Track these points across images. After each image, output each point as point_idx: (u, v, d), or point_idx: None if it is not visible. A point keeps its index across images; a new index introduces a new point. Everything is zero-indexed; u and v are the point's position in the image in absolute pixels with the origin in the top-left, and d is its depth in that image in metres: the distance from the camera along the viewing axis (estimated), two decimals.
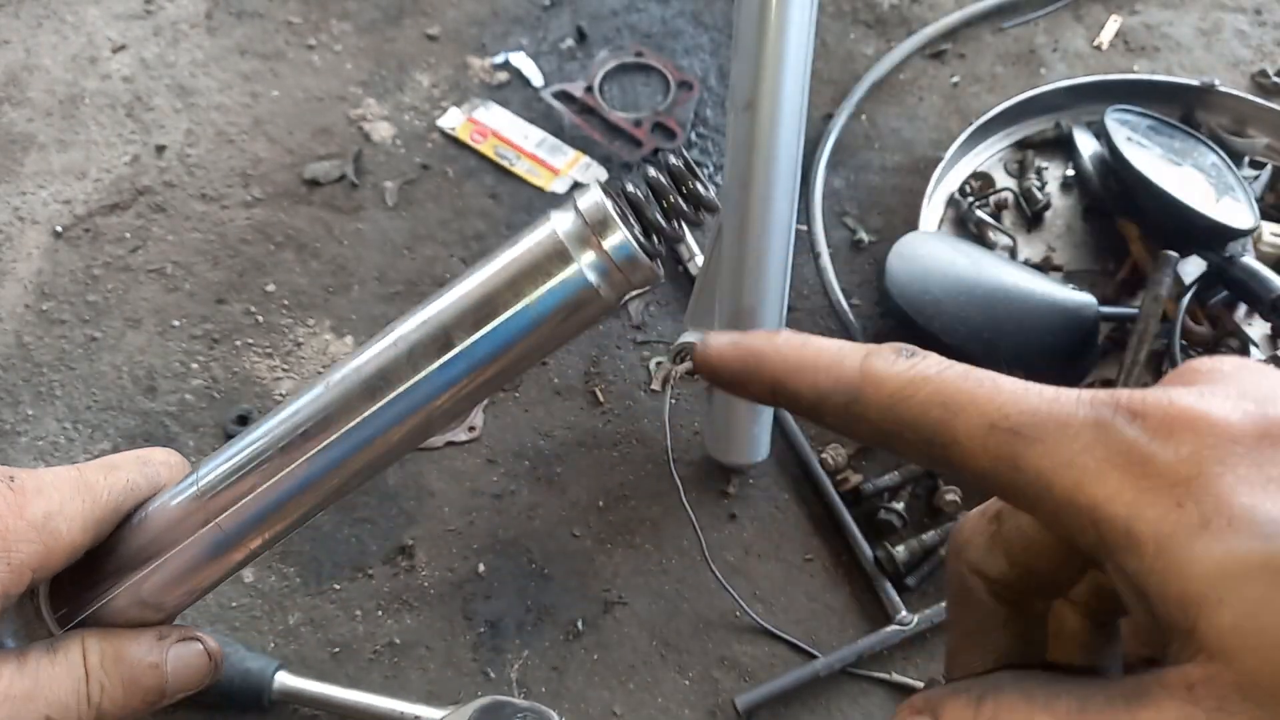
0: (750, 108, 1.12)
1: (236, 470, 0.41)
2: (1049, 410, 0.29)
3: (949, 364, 0.32)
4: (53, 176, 1.69)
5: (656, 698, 1.23)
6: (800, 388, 0.34)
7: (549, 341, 0.39)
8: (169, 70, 1.83)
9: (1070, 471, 0.27)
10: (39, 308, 1.54)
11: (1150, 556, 0.26)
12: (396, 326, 0.40)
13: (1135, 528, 0.26)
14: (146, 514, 0.44)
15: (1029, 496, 0.29)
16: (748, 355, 0.35)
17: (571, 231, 0.38)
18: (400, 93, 1.80)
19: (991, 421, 0.29)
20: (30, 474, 0.42)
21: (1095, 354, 1.43)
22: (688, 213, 0.39)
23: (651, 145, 1.71)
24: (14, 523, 0.39)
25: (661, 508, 1.35)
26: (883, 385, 0.32)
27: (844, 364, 0.33)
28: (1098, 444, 0.27)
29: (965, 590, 0.34)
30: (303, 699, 1.19)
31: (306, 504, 0.42)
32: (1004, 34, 1.90)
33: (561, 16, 1.92)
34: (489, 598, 1.29)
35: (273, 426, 0.41)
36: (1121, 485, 0.27)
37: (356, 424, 0.40)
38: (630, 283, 0.39)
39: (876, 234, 1.63)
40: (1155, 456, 0.26)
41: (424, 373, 0.39)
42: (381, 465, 0.42)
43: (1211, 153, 1.53)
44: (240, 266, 1.58)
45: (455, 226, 1.63)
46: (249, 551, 0.43)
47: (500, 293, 0.38)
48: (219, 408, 1.44)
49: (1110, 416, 0.28)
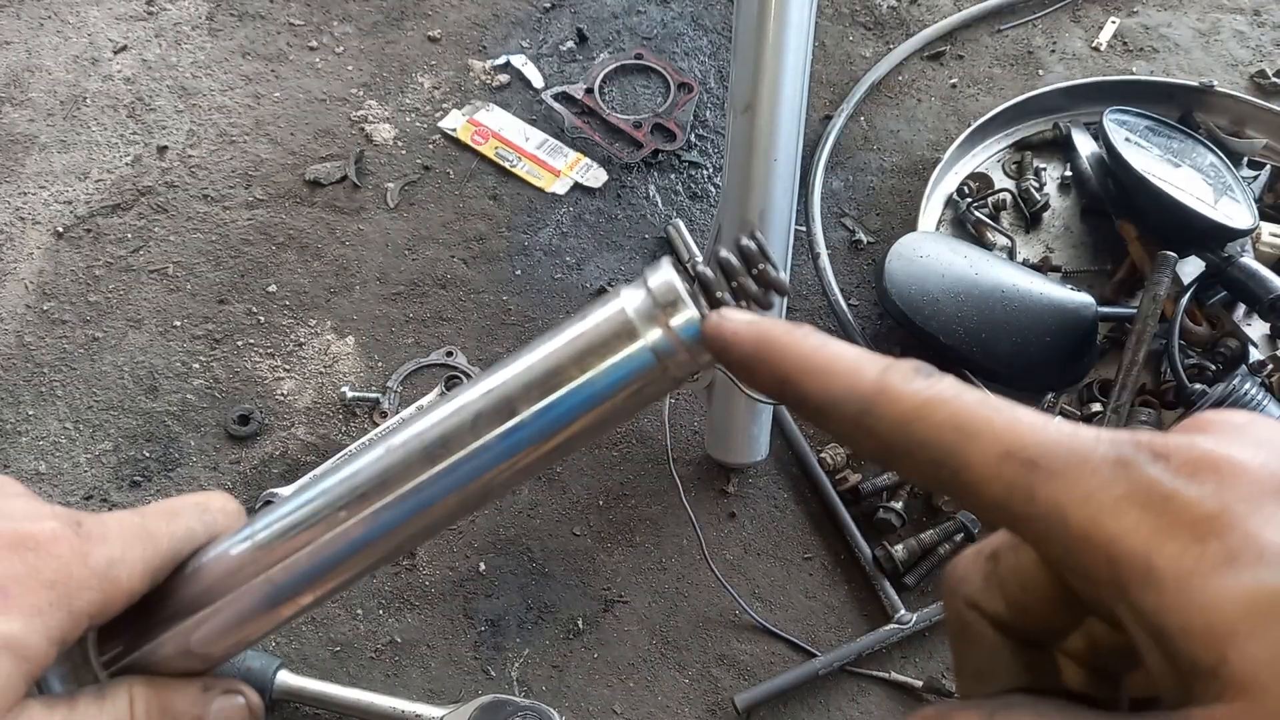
0: (749, 110, 1.12)
1: (293, 526, 0.42)
2: (1068, 444, 0.28)
3: (966, 388, 0.31)
4: (54, 177, 1.70)
5: (656, 695, 1.23)
6: (811, 388, 0.33)
7: (612, 416, 0.39)
8: (171, 71, 1.83)
9: (1087, 506, 0.27)
10: (40, 308, 1.54)
11: (1171, 592, 0.25)
12: (460, 394, 0.40)
13: (1155, 563, 0.25)
14: (200, 563, 0.44)
15: (1041, 529, 0.28)
16: (763, 341, 0.35)
17: (640, 309, 0.38)
18: (402, 94, 1.80)
19: (1008, 449, 0.29)
20: (96, 520, 0.41)
21: (1094, 354, 1.44)
22: (757, 294, 0.38)
23: (651, 147, 1.72)
24: (78, 570, 0.39)
25: (661, 506, 1.36)
26: (898, 400, 0.31)
27: (860, 373, 0.32)
28: (1118, 480, 0.27)
29: (966, 626, 0.33)
30: (304, 697, 1.19)
31: (360, 564, 0.42)
32: (1002, 35, 1.90)
33: (562, 19, 1.92)
34: (490, 596, 1.29)
35: (331, 485, 0.41)
36: (1141, 521, 0.26)
37: (413, 487, 0.40)
38: (696, 363, 0.38)
39: (875, 235, 1.63)
40: (1178, 494, 0.26)
41: (484, 440, 0.39)
42: (435, 530, 0.43)
43: (1210, 153, 1.54)
44: (242, 267, 1.59)
45: (456, 227, 1.64)
46: (299, 607, 0.43)
47: (565, 366, 0.38)
48: (220, 408, 1.44)
49: (1132, 454, 0.27)
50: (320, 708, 1.19)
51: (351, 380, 1.47)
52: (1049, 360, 1.40)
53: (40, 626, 0.37)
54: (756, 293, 0.38)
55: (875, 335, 1.50)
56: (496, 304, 1.55)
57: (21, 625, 0.36)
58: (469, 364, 1.49)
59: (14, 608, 0.36)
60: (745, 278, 0.38)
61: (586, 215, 1.66)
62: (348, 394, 1.44)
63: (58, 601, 0.38)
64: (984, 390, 0.31)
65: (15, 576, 0.37)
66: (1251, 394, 1.28)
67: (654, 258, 1.61)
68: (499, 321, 1.54)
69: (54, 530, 0.39)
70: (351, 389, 1.45)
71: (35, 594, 0.37)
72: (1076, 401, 1.44)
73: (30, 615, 0.37)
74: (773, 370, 0.34)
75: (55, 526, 0.39)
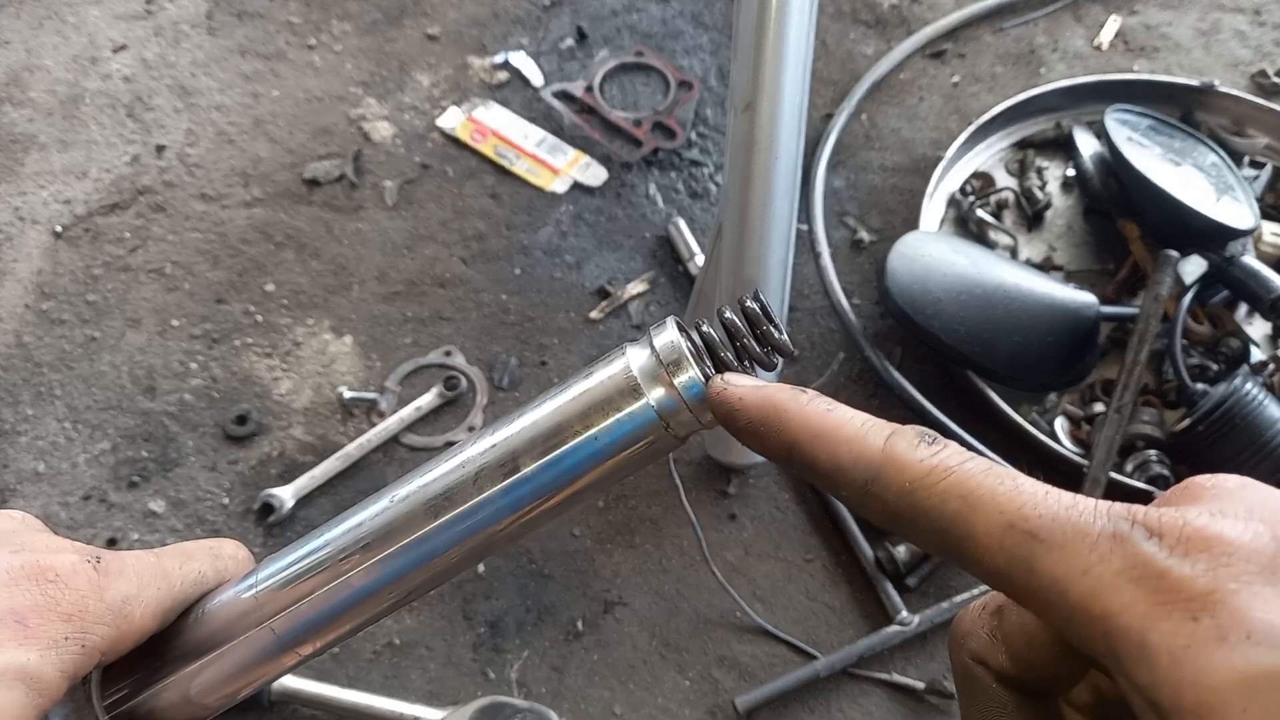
0: (750, 108, 1.12)
1: (295, 576, 0.42)
2: (1067, 517, 0.29)
3: (970, 456, 0.32)
4: (53, 176, 1.69)
5: (656, 697, 1.22)
6: (819, 456, 0.34)
7: (615, 473, 0.40)
8: (170, 70, 1.83)
9: (1085, 580, 0.28)
10: (39, 307, 1.54)
11: (1164, 668, 0.26)
12: (465, 448, 0.41)
13: (1149, 639, 0.26)
14: (205, 609, 0.43)
15: (1042, 600, 0.29)
16: (770, 408, 0.35)
17: (645, 367, 0.38)
18: (400, 93, 1.80)
19: (1010, 521, 0.29)
20: (115, 556, 0.41)
21: (1096, 354, 1.43)
22: (761, 356, 0.39)
23: (651, 145, 1.71)
24: (94, 604, 0.38)
25: (661, 507, 1.35)
26: (904, 470, 0.31)
27: (867, 440, 0.33)
28: (1114, 555, 0.27)
29: (971, 679, 0.34)
30: (302, 699, 1.19)
31: (361, 615, 0.42)
32: (1004, 34, 1.90)
33: (562, 17, 1.92)
34: (489, 598, 1.28)
35: (334, 536, 0.42)
36: (1136, 597, 0.27)
37: (415, 539, 0.40)
38: (699, 421, 0.38)
39: (877, 234, 1.63)
40: (1171, 571, 0.27)
41: (487, 494, 0.39)
42: (437, 582, 0.43)
43: (1211, 152, 1.53)
44: (240, 266, 1.58)
45: (455, 226, 1.63)
46: (299, 657, 0.43)
47: (570, 423, 0.39)
48: (218, 408, 1.44)
49: (1128, 530, 0.28)
50: (319, 709, 1.19)
51: (349, 380, 1.47)
52: (1051, 360, 1.39)
53: (55, 659, 0.37)
54: (759, 354, 0.39)
55: (877, 334, 1.50)
56: (495, 303, 1.55)
57: (38, 657, 0.36)
58: (467, 364, 1.49)
59: (31, 638, 0.36)
60: (748, 339, 0.39)
61: (586, 214, 1.65)
62: (345, 394, 1.43)
63: (73, 635, 0.37)
64: (987, 456, 0.32)
65: (34, 607, 0.37)
66: (1253, 394, 1.28)
67: (654, 257, 1.61)
68: (498, 321, 1.53)
69: (73, 564, 0.39)
70: (349, 389, 1.44)
71: (52, 626, 0.37)
72: (1079, 401, 1.44)
73: (46, 647, 0.36)
74: (780, 437, 0.35)
75: (75, 560, 0.39)
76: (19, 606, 0.37)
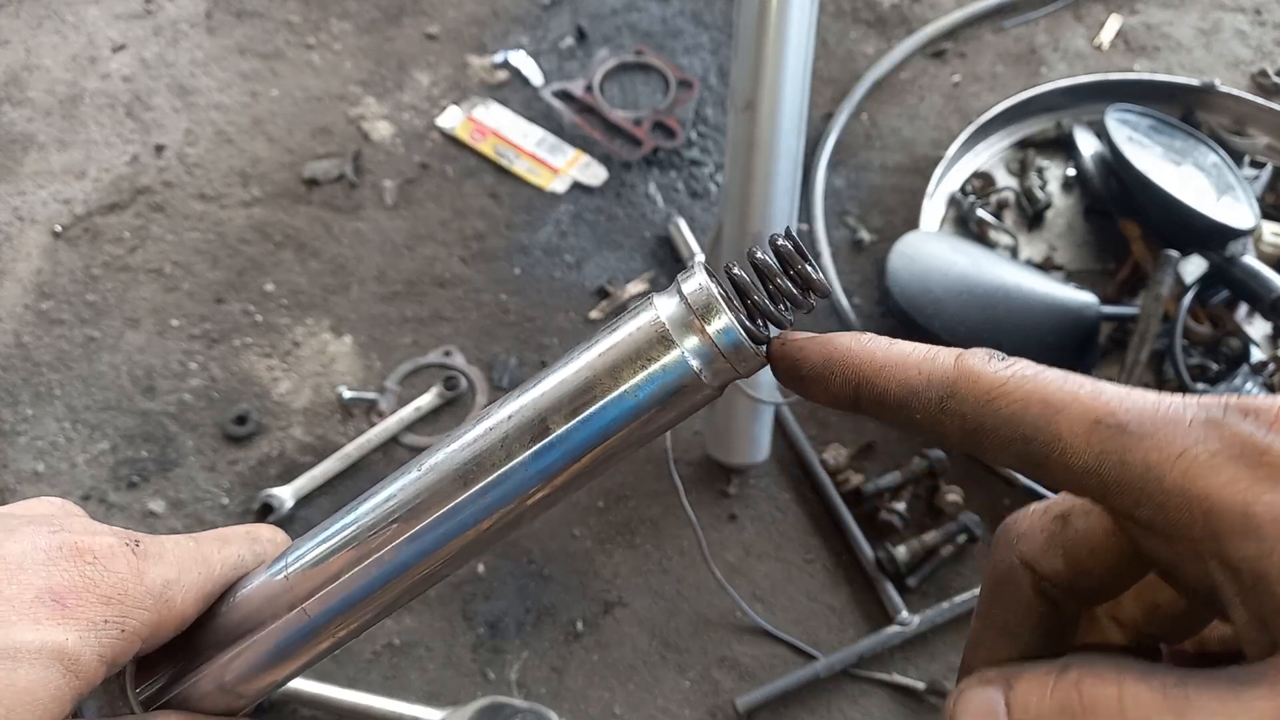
0: (750, 107, 1.11)
1: (326, 555, 0.40)
2: (1156, 408, 0.29)
3: (1045, 368, 0.32)
4: (52, 176, 1.69)
5: (656, 698, 1.22)
6: (889, 385, 0.33)
7: (648, 430, 0.37)
8: (169, 70, 1.82)
9: (1181, 462, 0.28)
10: (38, 307, 1.54)
11: (1272, 538, 0.26)
12: (493, 412, 0.39)
13: (1255, 510, 0.26)
14: (236, 595, 0.42)
15: (1134, 491, 0.29)
16: (833, 349, 0.35)
17: (675, 316, 0.36)
18: (400, 92, 1.79)
19: (1097, 418, 0.29)
20: (154, 540, 0.40)
21: (1096, 353, 1.43)
22: (796, 296, 0.37)
23: (651, 144, 1.71)
24: (134, 588, 0.37)
25: (661, 508, 1.35)
26: (980, 381, 0.32)
27: (937, 360, 0.33)
28: (1210, 437, 0.28)
29: (1009, 582, 0.34)
30: (302, 699, 1.19)
31: (394, 592, 0.40)
32: (1005, 33, 1.89)
33: (561, 16, 1.91)
34: (489, 598, 1.28)
35: (364, 512, 0.40)
36: (1238, 474, 0.27)
37: (447, 511, 0.38)
38: (735, 370, 0.36)
39: (877, 233, 1.62)
40: (1272, 446, 0.27)
41: (518, 460, 0.37)
42: (471, 554, 0.41)
43: (1212, 152, 1.53)
44: (239, 266, 1.58)
45: (455, 226, 1.63)
46: (334, 640, 0.41)
47: (600, 379, 0.37)
48: (218, 408, 1.44)
49: (1221, 414, 0.28)
50: (318, 709, 1.19)
51: (349, 380, 1.46)
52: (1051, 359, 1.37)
53: (94, 642, 0.35)
54: (795, 294, 0.37)
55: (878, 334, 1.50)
56: (495, 303, 1.55)
57: (77, 638, 0.35)
58: (467, 364, 1.48)
59: (70, 618, 0.35)
60: (783, 278, 0.37)
61: (586, 213, 1.65)
62: (345, 394, 1.43)
63: (113, 619, 0.36)
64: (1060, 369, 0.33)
65: (73, 588, 0.36)
66: (1253, 394, 1.27)
67: (654, 256, 1.60)
68: (498, 321, 1.53)
69: (112, 546, 0.38)
70: (349, 389, 1.44)
71: (92, 608, 0.36)
72: None
73: (85, 629, 0.35)
74: (846, 376, 0.35)
75: (113, 542, 0.38)
76: (57, 586, 0.36)
